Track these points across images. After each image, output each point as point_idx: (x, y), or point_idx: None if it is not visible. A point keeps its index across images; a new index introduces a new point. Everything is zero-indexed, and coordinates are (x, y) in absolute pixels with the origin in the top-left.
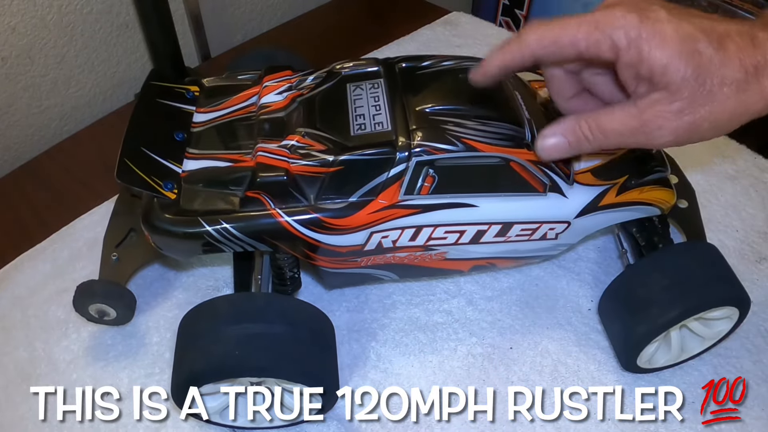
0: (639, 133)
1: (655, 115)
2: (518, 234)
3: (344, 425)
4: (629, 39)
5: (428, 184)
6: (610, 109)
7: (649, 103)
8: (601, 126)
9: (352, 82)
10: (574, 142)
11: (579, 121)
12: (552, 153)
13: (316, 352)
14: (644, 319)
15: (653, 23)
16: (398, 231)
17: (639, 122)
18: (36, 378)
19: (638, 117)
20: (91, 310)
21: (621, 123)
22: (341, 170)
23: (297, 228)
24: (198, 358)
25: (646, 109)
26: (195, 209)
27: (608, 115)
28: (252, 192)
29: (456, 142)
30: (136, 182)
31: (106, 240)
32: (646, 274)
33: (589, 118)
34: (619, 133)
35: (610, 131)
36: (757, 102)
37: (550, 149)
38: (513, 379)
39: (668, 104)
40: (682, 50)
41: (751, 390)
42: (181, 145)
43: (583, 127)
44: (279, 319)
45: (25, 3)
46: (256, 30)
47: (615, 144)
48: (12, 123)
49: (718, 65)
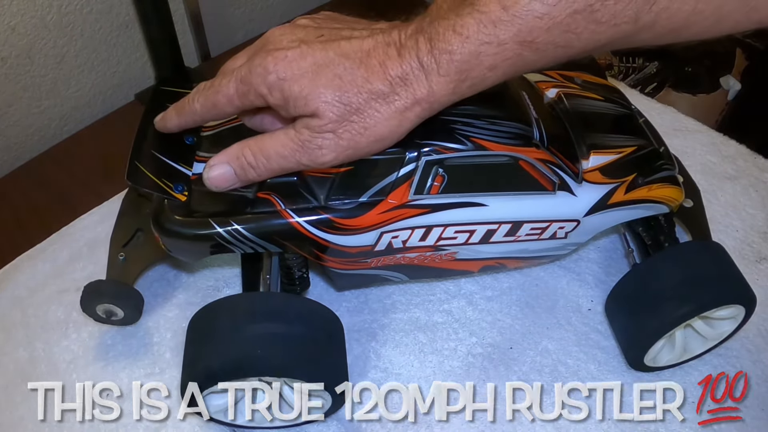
0: (301, 154)
1: (312, 136)
2: (528, 233)
3: (344, 425)
4: (269, 85)
5: (438, 184)
6: (274, 133)
7: (304, 126)
8: (264, 150)
9: None
10: (239, 170)
11: (243, 147)
12: (219, 183)
13: (332, 354)
14: (655, 315)
15: (290, 62)
16: (408, 231)
17: (298, 144)
18: (36, 378)
19: (297, 139)
20: (99, 310)
21: (283, 146)
22: (351, 170)
23: (307, 228)
24: (214, 356)
25: (303, 130)
26: (205, 211)
27: (271, 139)
28: (262, 193)
29: (465, 141)
30: (146, 184)
31: (113, 240)
32: (657, 270)
33: (253, 143)
34: (282, 155)
35: (273, 154)
36: (412, 107)
37: (216, 179)
38: (513, 378)
39: (321, 127)
40: (319, 79)
41: (751, 390)
42: (192, 148)
43: (247, 154)
44: (297, 319)
45: (25, 3)
46: (256, 30)
47: (279, 168)
48: (12, 123)
49: (362, 83)
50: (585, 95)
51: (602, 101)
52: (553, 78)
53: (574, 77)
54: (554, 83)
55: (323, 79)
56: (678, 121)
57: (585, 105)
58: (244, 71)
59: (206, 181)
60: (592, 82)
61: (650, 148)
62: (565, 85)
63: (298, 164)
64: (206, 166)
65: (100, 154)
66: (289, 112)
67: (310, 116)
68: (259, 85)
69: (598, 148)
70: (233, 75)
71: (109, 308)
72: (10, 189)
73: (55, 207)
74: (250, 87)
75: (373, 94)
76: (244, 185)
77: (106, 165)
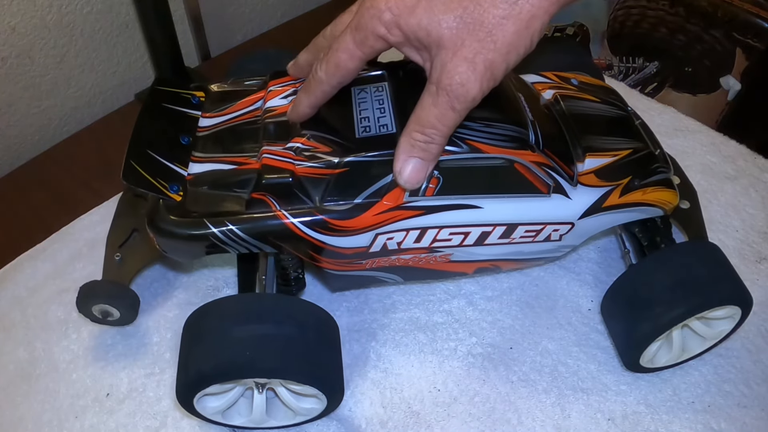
0: (451, 102)
1: (450, 79)
2: (522, 235)
3: (344, 425)
4: (386, 23)
5: (432, 186)
6: (421, 101)
7: (440, 68)
8: (424, 120)
9: (356, 85)
10: (422, 153)
11: (408, 134)
12: (417, 177)
13: (325, 354)
14: (648, 317)
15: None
16: (403, 232)
17: (444, 95)
18: (36, 378)
19: (441, 91)
20: (95, 310)
21: (434, 105)
22: (346, 172)
23: (302, 229)
24: (206, 358)
25: (440, 79)
26: (200, 211)
27: (422, 109)
28: (257, 194)
29: (460, 143)
30: (141, 184)
31: (109, 240)
32: (650, 273)
33: (413, 124)
34: (441, 115)
35: (434, 120)
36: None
37: (412, 177)
38: (513, 379)
39: (453, 58)
40: (434, 5)
41: (751, 390)
42: (187, 148)
43: (416, 137)
44: (288, 320)
45: (25, 3)
46: (256, 30)
47: (448, 127)
48: (12, 123)
49: None
50: (581, 97)
51: (599, 103)
52: (549, 79)
53: (571, 78)
54: (551, 84)
55: (439, 4)
56: (678, 121)
57: (581, 107)
58: (356, 20)
59: (406, 185)
60: (589, 83)
61: (646, 151)
62: (561, 86)
63: (457, 113)
64: (395, 175)
65: (100, 154)
66: (415, 46)
67: (442, 49)
68: (376, 26)
69: (593, 151)
70: (346, 29)
71: (105, 308)
72: (10, 189)
73: (55, 207)
74: (366, 32)
75: None
76: (435, 163)
77: (106, 165)
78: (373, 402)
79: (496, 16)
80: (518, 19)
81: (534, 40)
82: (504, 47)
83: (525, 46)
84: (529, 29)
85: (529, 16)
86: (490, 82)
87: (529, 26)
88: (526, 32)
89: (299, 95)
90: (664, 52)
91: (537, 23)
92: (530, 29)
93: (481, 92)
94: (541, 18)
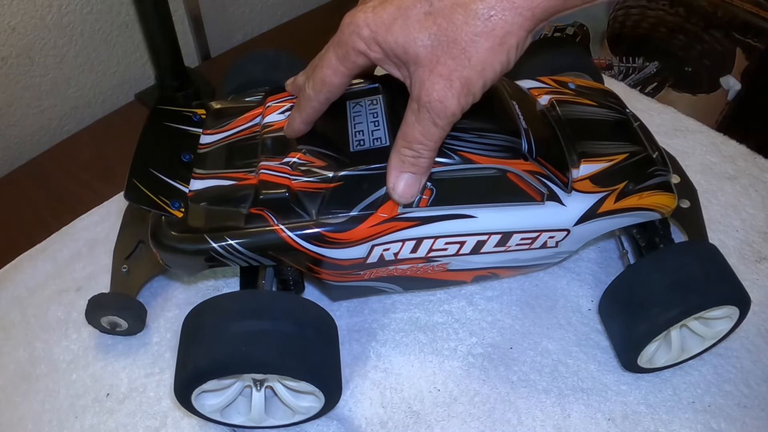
0: (433, 118)
1: (429, 92)
2: (519, 243)
3: (344, 425)
4: (364, 39)
5: (426, 197)
6: (405, 118)
7: (419, 85)
8: (410, 137)
9: (351, 99)
10: (412, 167)
11: (397, 150)
12: (410, 191)
13: (322, 351)
14: (645, 318)
15: (377, 13)
16: (399, 243)
17: (425, 112)
18: (36, 378)
19: (422, 108)
20: (103, 321)
21: (418, 122)
22: (341, 185)
23: (300, 243)
24: (203, 353)
25: (420, 97)
26: (201, 227)
27: (407, 126)
28: (256, 209)
29: (452, 155)
30: (144, 201)
31: (116, 252)
32: (647, 273)
33: (400, 140)
34: (425, 131)
35: (419, 135)
36: (511, 19)
37: (406, 192)
38: (513, 379)
39: (431, 75)
40: (410, 23)
41: (752, 390)
42: (188, 166)
43: (405, 152)
44: (286, 316)
45: (25, 3)
46: (256, 30)
47: (434, 141)
48: (12, 123)
49: (450, 9)
50: (578, 101)
51: (596, 107)
52: (546, 84)
53: (569, 82)
54: (547, 90)
55: (414, 22)
56: (678, 121)
57: (577, 112)
58: (337, 36)
59: (401, 200)
60: (587, 86)
61: (643, 154)
62: (558, 91)
63: (440, 128)
64: (389, 191)
65: (100, 154)
66: (394, 62)
67: (419, 66)
68: (356, 42)
69: (588, 157)
70: (329, 45)
71: (114, 320)
72: (10, 189)
73: (55, 207)
74: (347, 47)
75: (465, 15)
76: (427, 176)
77: (106, 165)
78: (373, 402)
79: (469, 33)
80: (492, 35)
81: (511, 56)
82: (479, 64)
83: (501, 63)
84: (504, 45)
85: (504, 32)
86: (468, 98)
87: (503, 42)
88: (501, 48)
89: (292, 112)
90: (664, 52)
91: (512, 39)
92: (505, 45)
93: (461, 108)
94: (516, 34)
